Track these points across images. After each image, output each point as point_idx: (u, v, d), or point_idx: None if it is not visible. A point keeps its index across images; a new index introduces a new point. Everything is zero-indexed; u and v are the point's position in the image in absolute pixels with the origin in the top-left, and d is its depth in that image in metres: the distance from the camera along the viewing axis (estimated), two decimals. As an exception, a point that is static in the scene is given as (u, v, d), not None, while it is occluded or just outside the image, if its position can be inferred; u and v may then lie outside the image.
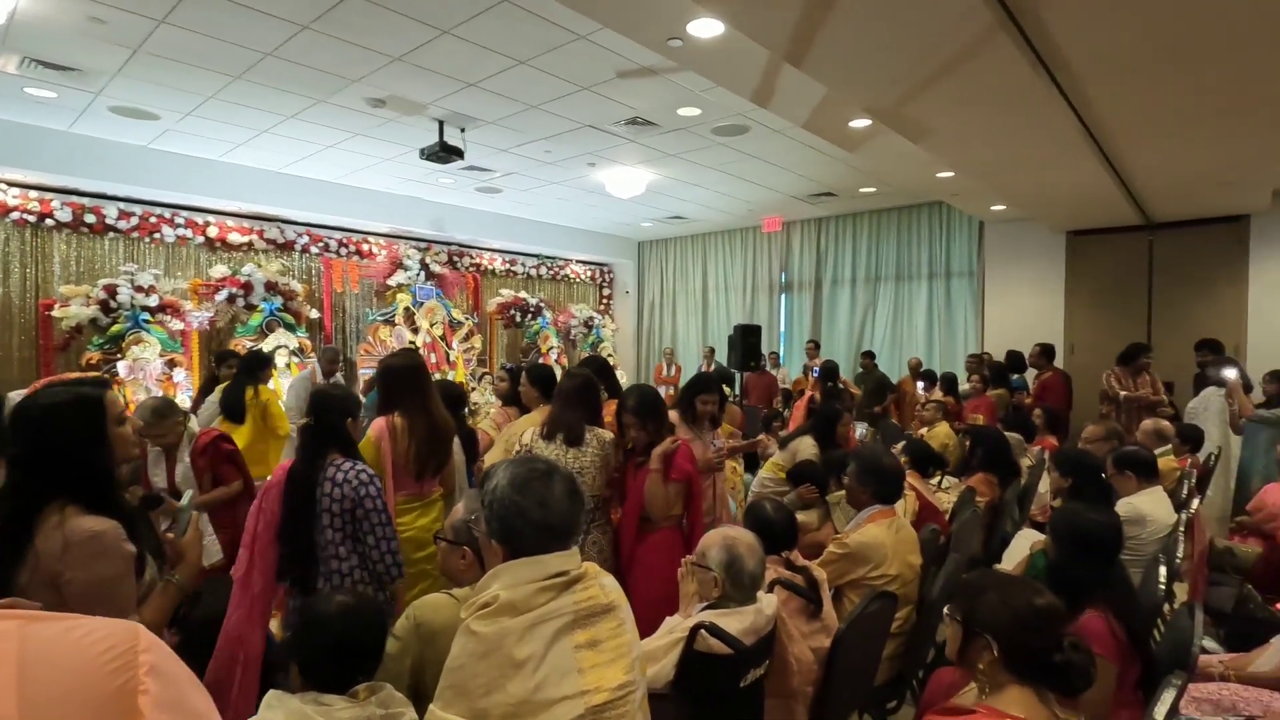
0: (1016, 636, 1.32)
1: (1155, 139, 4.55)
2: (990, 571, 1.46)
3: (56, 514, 1.37)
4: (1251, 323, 6.72)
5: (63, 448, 1.41)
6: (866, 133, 4.97)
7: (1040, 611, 1.32)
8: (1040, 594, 1.35)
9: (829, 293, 9.89)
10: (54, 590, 1.34)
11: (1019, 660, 1.32)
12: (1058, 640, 1.30)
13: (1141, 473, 3.22)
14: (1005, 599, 1.35)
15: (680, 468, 2.64)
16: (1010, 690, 1.31)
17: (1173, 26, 3.02)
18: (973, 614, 1.38)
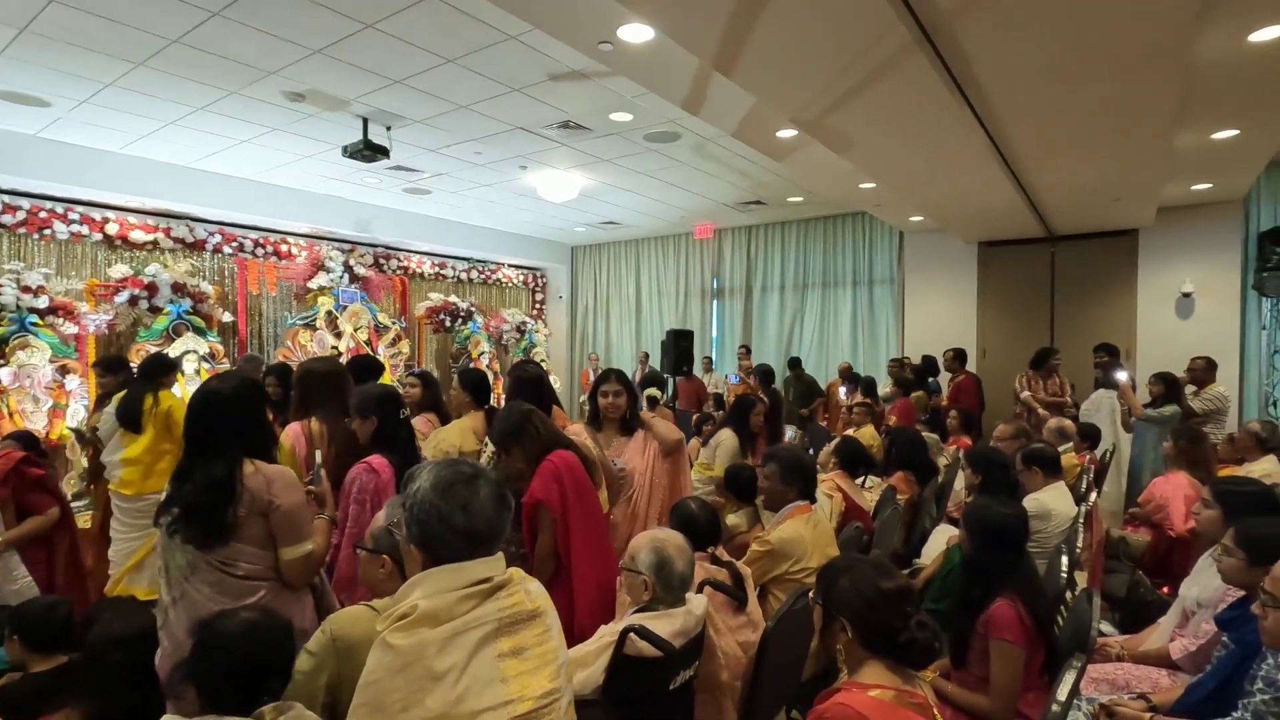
0: (866, 617, 1.39)
1: (1054, 156, 4.87)
2: (849, 556, 1.52)
3: (250, 465, 1.84)
4: (1140, 328, 7.28)
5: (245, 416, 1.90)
6: (793, 143, 5.12)
7: (886, 594, 1.39)
8: (889, 577, 1.42)
9: (759, 299, 10.11)
10: (263, 518, 1.83)
11: (870, 638, 1.39)
12: (905, 620, 1.36)
13: (1046, 469, 3.42)
14: (854, 582, 1.41)
15: (531, 490, 2.28)
16: (868, 665, 1.38)
17: (1064, 52, 3.24)
18: (829, 598, 1.45)
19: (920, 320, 8.64)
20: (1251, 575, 1.98)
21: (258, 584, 1.81)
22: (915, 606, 1.44)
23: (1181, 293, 7.07)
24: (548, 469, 2.30)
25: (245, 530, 1.79)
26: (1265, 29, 3.25)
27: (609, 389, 2.98)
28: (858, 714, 1.25)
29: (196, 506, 1.75)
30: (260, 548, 1.82)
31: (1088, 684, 2.43)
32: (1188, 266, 7.04)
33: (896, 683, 1.36)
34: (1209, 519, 2.48)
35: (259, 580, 1.81)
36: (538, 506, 2.27)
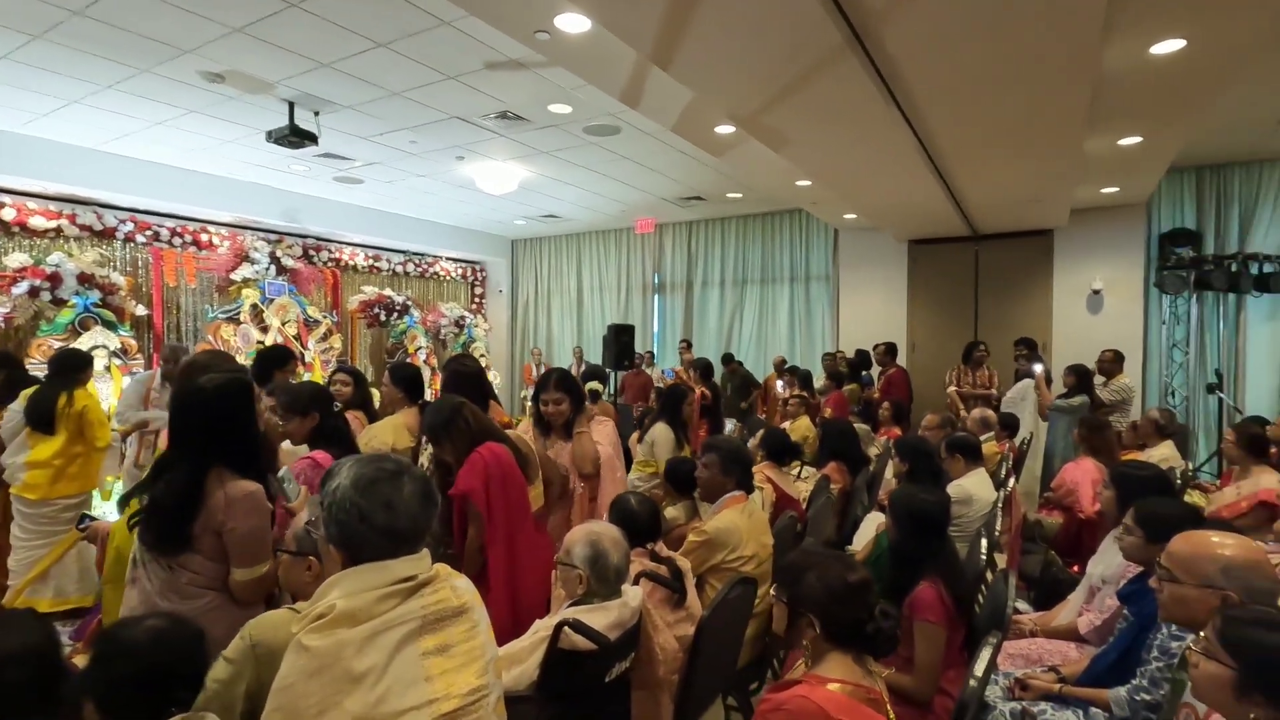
0: (833, 611, 1.41)
1: (977, 158, 5.09)
2: (808, 552, 1.55)
3: (216, 475, 1.73)
4: (1055, 323, 7.70)
5: (225, 422, 1.76)
6: (731, 139, 5.17)
7: (852, 586, 1.42)
8: (852, 570, 1.45)
9: (700, 294, 10.22)
10: (216, 536, 1.72)
11: (837, 631, 1.41)
12: (869, 610, 1.40)
13: (968, 456, 3.59)
14: (821, 577, 1.43)
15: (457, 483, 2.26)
16: (830, 658, 1.40)
17: (983, 60, 3.39)
18: (796, 595, 1.46)
19: (854, 315, 8.90)
20: (1149, 552, 2.12)
21: (205, 592, 1.75)
22: (875, 596, 1.48)
23: (1092, 289, 7.52)
24: (475, 461, 2.27)
25: (198, 543, 1.73)
26: (1165, 42, 3.47)
27: (549, 398, 2.93)
28: (818, 707, 1.28)
29: (160, 509, 1.70)
30: (211, 560, 1.75)
31: (1005, 659, 2.56)
32: (1098, 265, 7.49)
33: (856, 677, 1.39)
34: (1109, 500, 2.65)
35: (206, 589, 1.75)
36: (464, 499, 2.24)
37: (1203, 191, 7.16)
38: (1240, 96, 5.06)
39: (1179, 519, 2.01)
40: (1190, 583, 1.63)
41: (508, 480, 2.30)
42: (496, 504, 2.25)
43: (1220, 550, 1.64)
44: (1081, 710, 2.10)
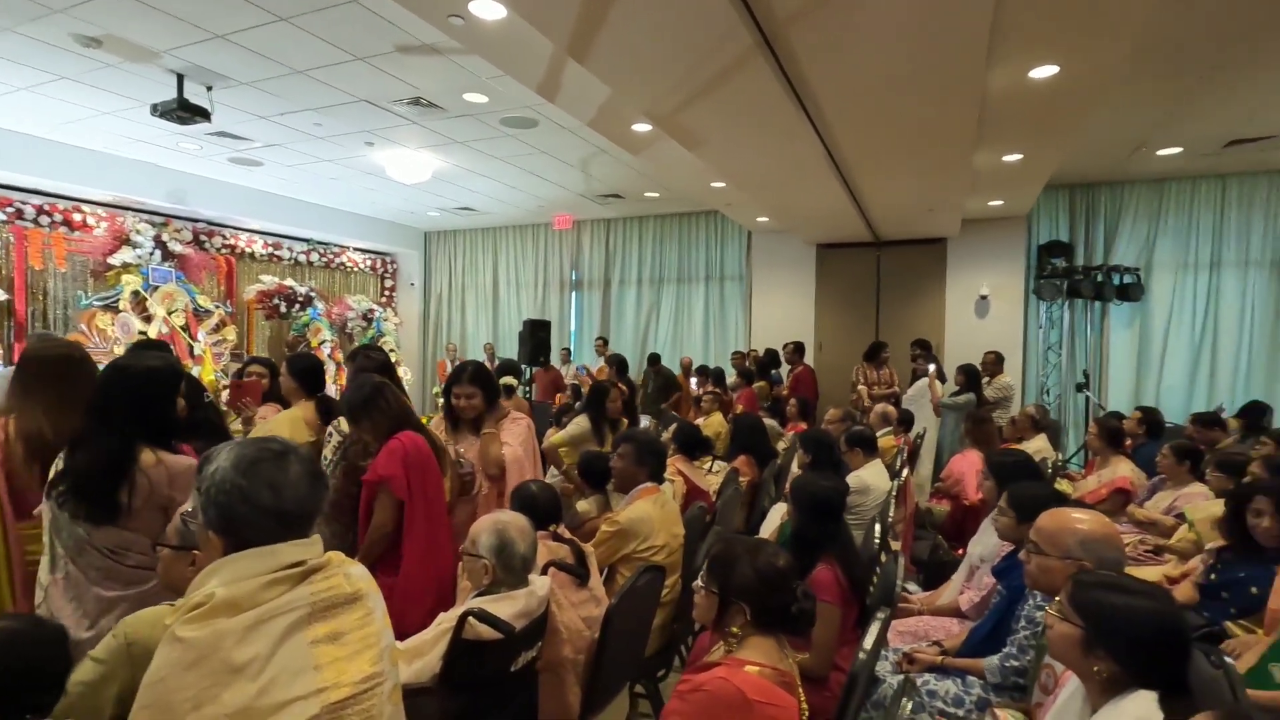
0: (765, 596, 1.46)
1: (878, 168, 5.38)
2: (734, 540, 1.59)
3: (151, 454, 1.75)
4: (948, 326, 8.24)
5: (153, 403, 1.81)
6: (648, 137, 5.23)
7: (782, 571, 1.48)
8: (779, 556, 1.51)
9: (617, 292, 10.27)
10: (162, 512, 1.73)
11: (767, 617, 1.46)
12: (794, 593, 1.46)
13: (866, 449, 3.79)
14: (754, 565, 1.48)
15: (374, 467, 2.23)
16: (751, 641, 1.45)
17: (880, 76, 3.59)
18: (728, 585, 1.49)
19: (766, 315, 9.20)
20: (1020, 531, 2.31)
21: (149, 574, 1.70)
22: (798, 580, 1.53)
23: (980, 295, 8.10)
24: (395, 448, 2.22)
25: (140, 520, 1.72)
26: (1042, 68, 3.78)
27: (461, 391, 2.84)
28: (737, 690, 1.32)
29: (87, 478, 1.67)
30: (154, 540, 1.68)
31: (895, 637, 2.72)
32: (985, 272, 8.07)
33: (774, 660, 1.44)
34: (989, 489, 2.87)
35: (150, 570, 1.69)
36: (379, 485, 2.19)
37: (1075, 207, 7.85)
38: (1105, 123, 5.59)
39: (1045, 499, 2.21)
40: (1054, 554, 1.80)
41: (426, 470, 2.25)
42: (416, 493, 2.21)
43: (1079, 525, 1.82)
44: (960, 679, 2.26)
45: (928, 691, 2.26)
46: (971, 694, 2.21)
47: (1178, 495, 3.85)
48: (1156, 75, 4.74)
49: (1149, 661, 1.27)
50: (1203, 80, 4.82)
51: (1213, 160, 6.74)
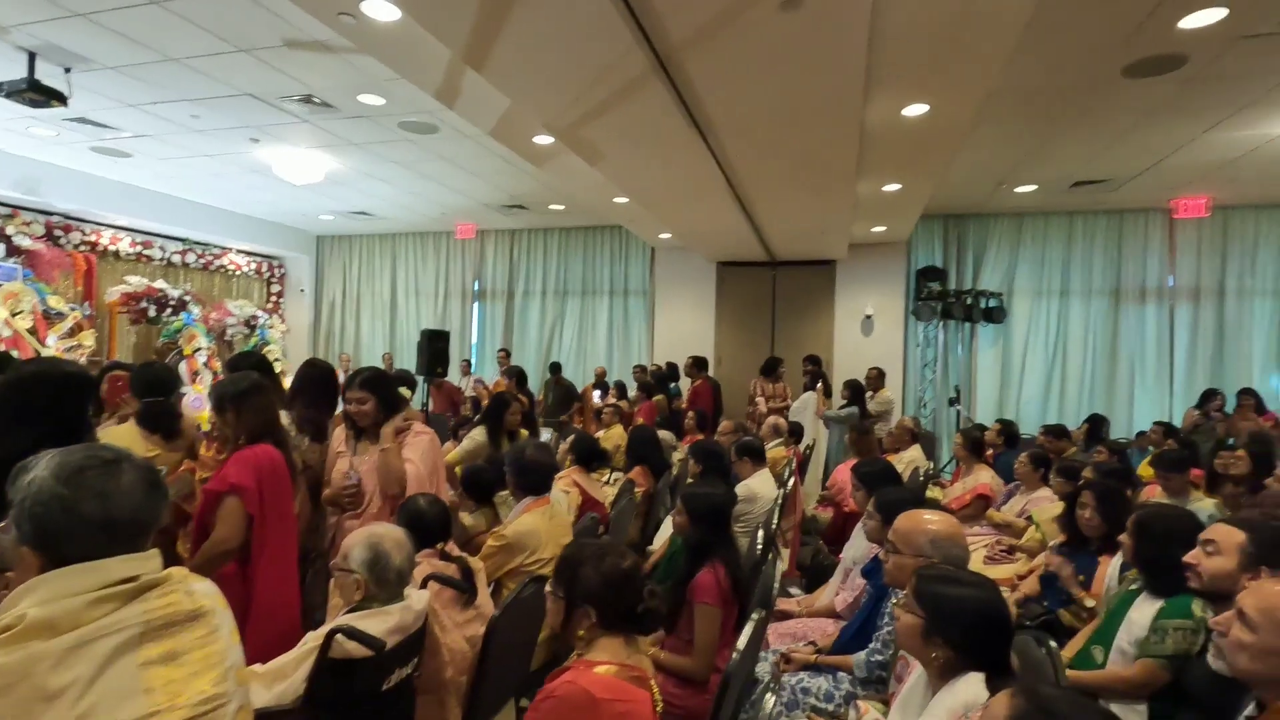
0: (610, 599, 1.48)
1: (771, 192, 5.65)
2: (581, 545, 1.60)
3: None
4: (836, 343, 8.72)
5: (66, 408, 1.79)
6: (551, 150, 5.25)
7: (626, 573, 1.50)
8: (624, 558, 1.54)
9: (521, 303, 10.18)
10: None
11: (612, 618, 1.48)
12: (640, 594, 1.50)
13: (754, 458, 3.94)
14: (597, 569, 1.49)
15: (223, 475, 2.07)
16: (600, 643, 1.47)
17: (768, 107, 3.79)
18: (572, 589, 1.50)
19: (668, 330, 9.39)
20: (885, 533, 2.48)
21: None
22: (645, 579, 1.56)
23: (865, 315, 8.62)
24: (249, 458, 2.08)
25: None
26: (914, 106, 4.11)
27: (352, 396, 2.70)
28: (584, 691, 1.33)
29: None
30: None
31: (776, 638, 2.84)
32: (869, 294, 8.61)
33: (622, 657, 1.45)
34: (859, 496, 3.06)
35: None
36: (227, 495, 2.03)
37: (947, 236, 8.53)
38: (971, 160, 6.13)
39: (906, 503, 2.38)
40: (908, 553, 1.94)
41: (281, 489, 2.13)
42: (270, 510, 2.08)
43: (930, 525, 1.98)
44: (832, 675, 2.38)
45: (802, 689, 2.37)
46: (841, 689, 2.34)
47: (1029, 499, 4.24)
48: (1013, 120, 5.26)
49: (978, 646, 1.40)
50: (1051, 127, 5.40)
51: (1062, 198, 7.52)
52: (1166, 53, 4.08)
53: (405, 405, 3.42)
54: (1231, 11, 3.60)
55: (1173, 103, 4.83)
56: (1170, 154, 5.91)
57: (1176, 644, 2.00)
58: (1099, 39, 3.95)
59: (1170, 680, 2.00)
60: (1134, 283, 7.97)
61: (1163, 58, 4.14)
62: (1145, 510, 2.23)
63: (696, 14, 2.86)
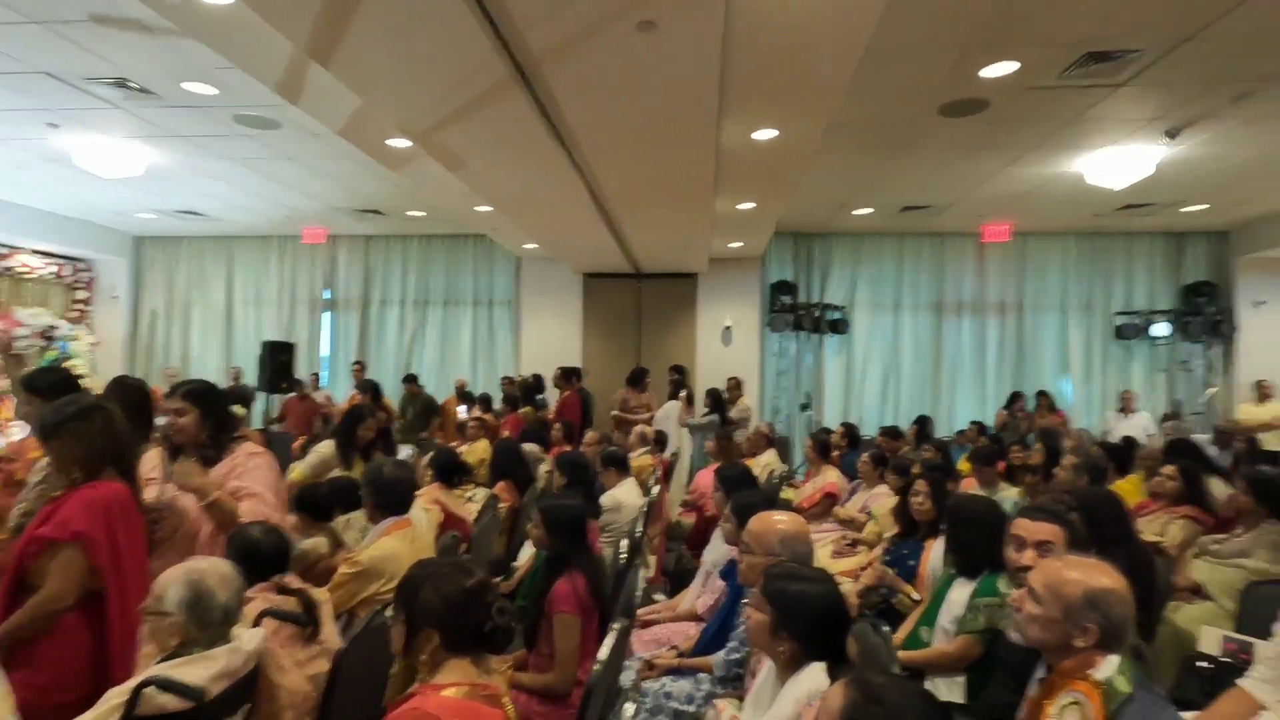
0: (452, 619, 1.41)
1: (634, 206, 5.78)
2: (424, 564, 1.54)
3: None
4: (699, 353, 9.05)
5: None
6: (407, 154, 5.03)
7: (470, 591, 1.44)
8: (468, 574, 1.47)
9: (378, 313, 9.66)
10: None
11: (457, 638, 1.42)
12: (488, 610, 1.45)
13: (619, 468, 3.98)
14: (438, 589, 1.42)
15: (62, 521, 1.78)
16: (447, 665, 1.41)
17: (627, 124, 3.89)
18: (413, 611, 1.43)
19: (534, 341, 9.29)
20: (740, 535, 2.60)
21: None
22: (494, 596, 1.50)
23: (724, 326, 9.03)
24: (96, 501, 1.80)
25: None
26: (764, 130, 4.37)
27: (171, 405, 2.41)
28: (430, 716, 1.25)
29: None
30: None
31: (641, 645, 2.87)
32: (728, 306, 9.03)
33: (472, 677, 1.39)
34: (718, 499, 3.18)
35: None
36: (66, 543, 1.74)
37: (798, 253, 9.15)
38: (816, 183, 6.62)
39: (758, 505, 2.51)
40: (760, 552, 2.04)
41: (133, 528, 1.86)
42: (125, 558, 1.81)
43: (779, 525, 2.09)
44: (693, 677, 2.45)
45: (665, 694, 2.41)
46: (702, 690, 2.41)
47: (870, 495, 4.61)
48: (851, 150, 5.75)
49: (819, 637, 1.50)
50: (883, 157, 5.96)
51: (894, 221, 8.32)
52: (972, 97, 4.64)
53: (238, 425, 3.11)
54: (1022, 65, 4.17)
55: (980, 141, 5.50)
56: (980, 185, 6.72)
57: (988, 619, 2.25)
58: (919, 81, 4.42)
59: (983, 652, 2.25)
60: (953, 298, 8.96)
61: (970, 101, 4.71)
62: (956, 500, 2.50)
63: (556, 27, 2.87)
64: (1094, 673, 1.35)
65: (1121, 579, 1.42)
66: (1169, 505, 3.62)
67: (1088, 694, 1.33)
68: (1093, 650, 1.37)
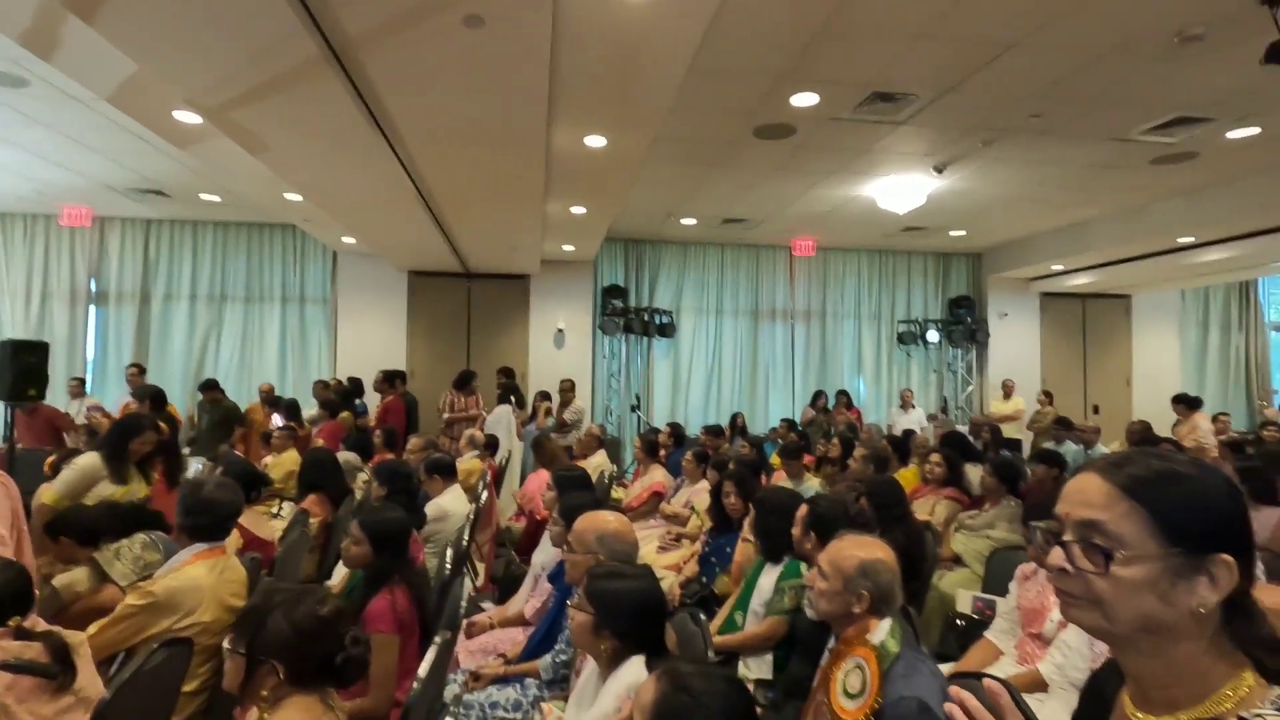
0: (303, 650, 1.33)
1: (463, 204, 5.61)
2: (272, 591, 1.42)
3: None
4: (531, 355, 8.99)
5: None
6: (198, 131, 4.47)
7: (324, 620, 1.36)
8: (324, 603, 1.39)
9: (161, 308, 8.46)
10: None
11: (306, 671, 1.33)
12: (341, 641, 1.37)
13: (445, 475, 3.84)
14: (288, 616, 1.34)
15: None
16: (289, 701, 1.31)
17: (454, 118, 3.78)
18: (259, 643, 1.33)
19: (354, 342, 8.67)
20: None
21: None
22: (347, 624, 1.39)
23: (558, 329, 9.05)
24: None
25: None
26: (594, 137, 4.45)
27: None
28: None
29: None
30: None
31: (467, 657, 2.79)
32: (561, 309, 9.06)
33: (316, 714, 1.30)
34: (549, 499, 3.19)
35: None
36: None
37: (628, 258, 9.42)
38: (645, 192, 6.86)
39: (585, 506, 2.55)
40: (580, 551, 2.08)
41: None
42: None
43: (599, 525, 2.14)
44: (520, 684, 2.42)
45: (490, 704, 2.36)
46: (529, 695, 2.39)
47: (693, 491, 4.86)
48: (676, 162, 6.03)
49: (638, 631, 1.56)
50: (705, 171, 6.32)
51: (716, 231, 8.85)
52: (783, 122, 5.08)
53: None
54: (822, 98, 4.64)
55: (789, 163, 6.03)
56: (790, 203, 7.37)
57: (792, 600, 2.48)
58: (737, 104, 4.75)
59: (788, 630, 2.47)
60: (767, 305, 9.72)
61: (781, 125, 5.15)
62: (761, 492, 2.72)
63: (374, 10, 2.71)
64: (871, 637, 1.54)
65: (890, 551, 1.64)
66: (936, 488, 4.23)
67: (866, 657, 1.51)
68: (868, 615, 1.56)
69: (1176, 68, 4.08)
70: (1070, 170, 6.08)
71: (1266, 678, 0.70)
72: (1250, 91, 4.38)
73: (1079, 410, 9.33)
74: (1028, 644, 2.40)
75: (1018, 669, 2.33)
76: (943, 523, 3.95)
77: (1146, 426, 6.35)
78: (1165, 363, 10.06)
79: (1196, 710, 0.70)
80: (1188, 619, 0.70)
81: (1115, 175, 6.18)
